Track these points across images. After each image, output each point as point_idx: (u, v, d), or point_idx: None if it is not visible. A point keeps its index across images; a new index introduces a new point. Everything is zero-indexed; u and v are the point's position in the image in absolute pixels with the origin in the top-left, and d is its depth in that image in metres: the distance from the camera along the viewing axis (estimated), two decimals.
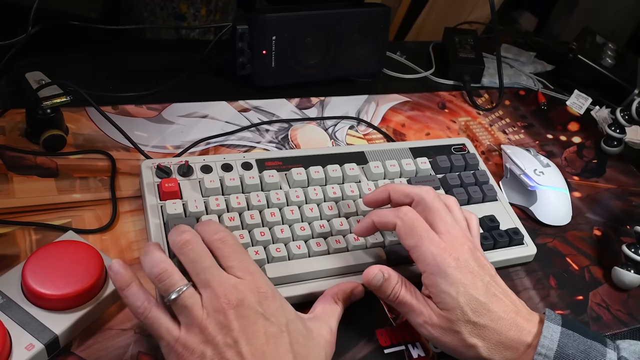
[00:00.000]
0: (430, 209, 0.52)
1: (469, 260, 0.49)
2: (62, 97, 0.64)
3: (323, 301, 0.51)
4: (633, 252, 0.64)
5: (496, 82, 0.93)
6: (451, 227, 0.51)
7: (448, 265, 0.48)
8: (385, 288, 0.50)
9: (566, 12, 1.52)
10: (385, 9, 0.85)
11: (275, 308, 0.44)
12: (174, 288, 0.43)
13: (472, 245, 0.51)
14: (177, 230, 0.47)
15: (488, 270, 0.51)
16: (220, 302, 0.42)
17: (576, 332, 0.48)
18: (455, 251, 0.49)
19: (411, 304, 0.50)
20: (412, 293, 0.50)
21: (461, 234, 0.51)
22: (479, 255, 0.51)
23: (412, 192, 0.53)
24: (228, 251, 0.46)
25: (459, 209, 0.54)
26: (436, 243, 0.49)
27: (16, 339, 0.46)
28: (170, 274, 0.44)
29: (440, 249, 0.49)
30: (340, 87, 0.87)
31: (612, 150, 0.86)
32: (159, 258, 0.45)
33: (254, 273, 0.46)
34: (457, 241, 0.50)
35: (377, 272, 0.50)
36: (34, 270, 0.48)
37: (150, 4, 1.01)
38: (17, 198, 0.59)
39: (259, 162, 0.64)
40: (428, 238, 0.50)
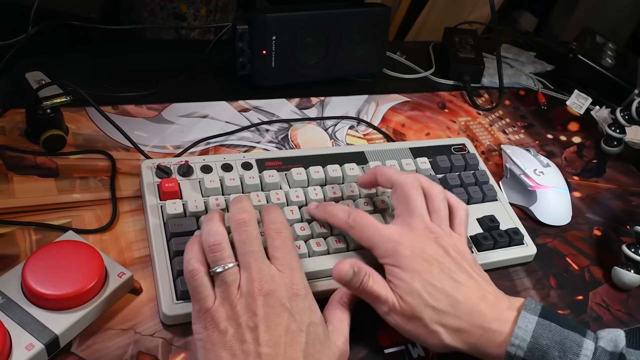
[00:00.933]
0: (405, 197, 0.53)
1: (425, 249, 0.50)
2: (62, 97, 0.64)
3: (332, 309, 0.51)
4: (633, 252, 0.64)
5: (496, 82, 0.93)
6: (415, 219, 0.52)
7: (401, 255, 0.49)
8: (354, 282, 0.50)
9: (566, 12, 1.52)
10: (385, 9, 0.85)
11: (302, 307, 0.46)
12: (222, 262, 0.46)
13: (434, 236, 0.51)
14: (239, 205, 0.50)
15: (451, 258, 0.50)
16: (253, 287, 0.45)
17: (553, 322, 0.48)
18: (410, 242, 0.50)
19: (378, 294, 0.50)
20: (378, 283, 0.50)
21: (424, 226, 0.52)
22: (443, 244, 0.51)
23: (393, 178, 0.55)
24: (278, 242, 0.48)
25: (441, 199, 0.54)
26: (387, 237, 0.51)
27: (16, 339, 0.46)
28: (223, 248, 0.46)
29: (392, 242, 0.50)
30: (340, 87, 0.87)
31: (612, 150, 0.86)
32: (217, 230, 0.47)
33: (294, 269, 0.47)
34: (414, 234, 0.51)
35: (347, 269, 0.50)
36: (34, 270, 0.48)
37: (150, 4, 1.01)
38: (17, 198, 0.59)
39: (259, 162, 0.64)
40: (378, 235, 0.51)
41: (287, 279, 0.46)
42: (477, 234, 0.63)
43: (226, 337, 0.43)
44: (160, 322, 0.52)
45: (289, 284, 0.46)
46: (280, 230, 0.49)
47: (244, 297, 0.45)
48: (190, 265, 0.47)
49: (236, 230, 0.48)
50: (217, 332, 0.44)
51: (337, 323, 0.50)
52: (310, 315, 0.46)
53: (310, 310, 0.47)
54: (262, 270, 0.46)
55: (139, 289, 0.54)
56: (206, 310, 0.45)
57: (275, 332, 0.44)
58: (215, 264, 0.46)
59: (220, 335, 0.44)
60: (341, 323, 0.50)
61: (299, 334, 0.44)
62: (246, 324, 0.44)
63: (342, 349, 0.48)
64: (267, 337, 0.43)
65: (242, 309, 0.44)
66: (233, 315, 0.44)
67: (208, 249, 0.47)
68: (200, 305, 0.45)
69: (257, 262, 0.46)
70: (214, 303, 0.45)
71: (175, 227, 0.55)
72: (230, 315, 0.44)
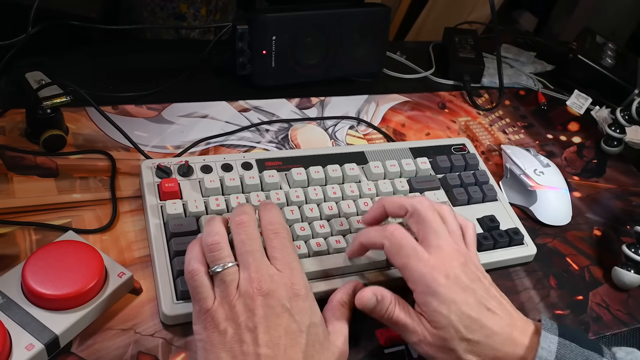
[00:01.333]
0: (424, 220, 0.51)
1: (459, 276, 0.48)
2: (62, 97, 0.64)
3: (331, 309, 0.51)
4: (633, 252, 0.64)
5: (496, 82, 0.93)
6: (443, 241, 0.50)
7: (438, 284, 0.47)
8: (379, 310, 0.49)
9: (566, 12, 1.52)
10: (385, 9, 0.85)
11: (302, 307, 0.46)
12: (220, 262, 0.46)
13: (464, 259, 0.50)
14: (240, 208, 0.50)
15: (481, 283, 0.49)
16: (252, 287, 0.44)
17: (573, 342, 0.47)
18: (445, 268, 0.48)
19: (405, 324, 0.49)
20: (406, 312, 0.49)
21: (453, 247, 0.50)
22: (472, 268, 0.50)
23: (406, 203, 0.53)
24: (277, 242, 0.48)
25: (453, 218, 0.53)
26: (424, 261, 0.49)
27: (16, 339, 0.46)
28: (222, 247, 0.47)
29: (429, 267, 0.48)
30: (340, 87, 0.87)
31: (612, 150, 0.86)
32: (216, 230, 0.48)
33: (294, 269, 0.47)
34: (447, 257, 0.49)
35: (370, 296, 0.49)
36: (34, 270, 0.48)
37: (150, 4, 1.01)
38: (17, 198, 0.59)
39: (259, 162, 0.64)
40: (416, 257, 0.49)
41: (287, 278, 0.46)
42: (477, 234, 0.63)
43: (226, 338, 0.43)
44: (160, 322, 0.52)
45: (289, 284, 0.46)
46: (278, 231, 0.49)
47: (243, 297, 0.44)
48: (190, 265, 0.47)
49: (236, 231, 0.48)
50: (217, 332, 0.44)
51: (337, 323, 0.50)
52: (311, 316, 0.46)
53: (311, 311, 0.46)
54: (261, 270, 0.45)
55: (139, 289, 0.54)
56: (206, 310, 0.45)
57: (275, 332, 0.43)
58: (214, 264, 0.46)
59: (220, 335, 0.44)
60: (341, 323, 0.50)
61: (299, 335, 0.44)
62: (245, 325, 0.43)
63: (341, 349, 0.48)
64: (266, 338, 0.43)
65: (241, 309, 0.44)
66: (232, 315, 0.44)
67: (207, 248, 0.47)
68: (200, 305, 0.45)
69: (256, 262, 0.46)
70: (214, 303, 0.45)
71: (175, 227, 0.55)
72: (229, 316, 0.44)
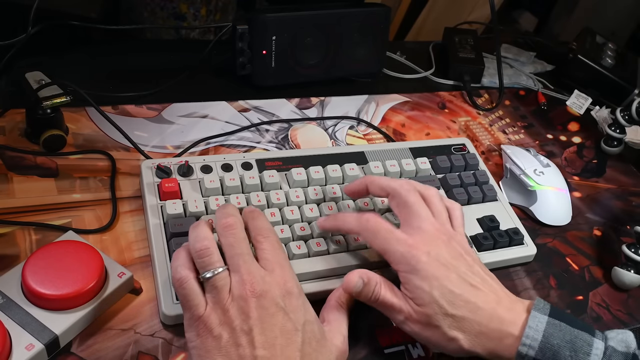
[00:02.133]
0: (405, 202, 0.52)
1: (440, 253, 0.49)
2: (62, 97, 0.64)
3: (330, 309, 0.51)
4: (633, 252, 0.64)
5: (496, 82, 0.93)
6: (423, 222, 0.51)
7: (418, 261, 0.48)
8: (366, 292, 0.50)
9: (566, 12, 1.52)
10: (385, 9, 0.85)
11: (296, 305, 0.45)
12: (211, 267, 0.45)
13: (446, 238, 0.51)
14: (224, 210, 0.49)
15: (464, 259, 0.50)
16: (245, 289, 0.44)
17: (563, 322, 0.48)
18: (425, 246, 0.49)
19: (391, 303, 0.49)
20: (391, 292, 0.50)
21: (435, 227, 0.51)
22: (455, 246, 0.51)
23: (387, 186, 0.54)
24: (266, 245, 0.48)
25: (438, 200, 0.54)
26: (403, 241, 0.50)
27: (16, 339, 0.46)
28: (211, 252, 0.46)
29: (408, 246, 0.49)
30: (340, 87, 0.87)
31: (612, 150, 0.86)
32: (204, 235, 0.47)
33: (284, 267, 0.47)
34: (427, 235, 0.50)
35: (357, 280, 0.50)
36: (34, 270, 0.48)
37: (150, 4, 1.01)
38: (17, 198, 0.59)
39: (259, 162, 0.64)
40: (394, 238, 0.50)
41: (278, 277, 0.46)
42: (477, 234, 0.63)
43: (221, 343, 0.43)
44: (160, 322, 0.52)
45: (282, 283, 0.46)
46: (267, 235, 0.49)
47: (236, 300, 0.44)
48: (177, 273, 0.46)
49: (223, 235, 0.47)
50: (211, 338, 0.43)
51: (335, 323, 0.50)
52: (305, 314, 0.46)
53: (305, 308, 0.46)
54: (253, 272, 0.45)
55: (139, 289, 0.54)
56: (198, 317, 0.44)
57: (271, 333, 0.43)
58: (204, 270, 0.45)
59: (214, 341, 0.43)
60: (339, 323, 0.50)
61: (295, 334, 0.44)
62: (240, 328, 0.43)
63: (340, 348, 0.48)
64: (262, 340, 0.43)
65: (235, 313, 0.43)
66: (226, 319, 0.43)
67: (196, 254, 0.46)
68: (191, 313, 0.44)
69: (247, 264, 0.45)
70: (206, 310, 0.44)
71: (175, 227, 0.55)
72: (223, 320, 0.43)
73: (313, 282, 0.55)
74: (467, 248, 0.52)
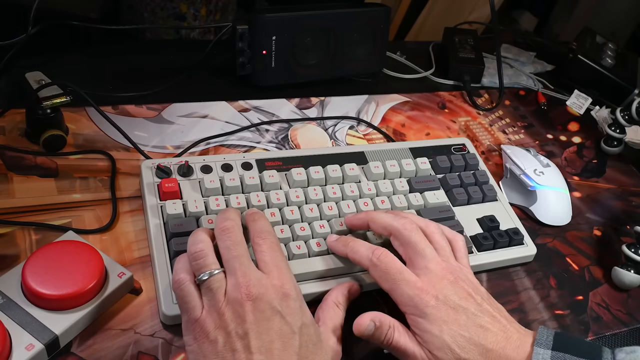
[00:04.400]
0: (408, 243, 0.51)
1: (448, 296, 0.48)
2: (62, 97, 0.64)
3: (325, 308, 0.51)
4: (633, 252, 0.64)
5: (496, 82, 0.93)
6: (430, 262, 0.50)
7: (427, 305, 0.48)
8: (378, 335, 0.49)
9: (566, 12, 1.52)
10: (385, 9, 0.85)
11: (293, 308, 0.45)
12: (206, 270, 0.45)
13: (453, 277, 0.50)
14: (223, 214, 0.49)
15: (473, 299, 0.49)
16: (240, 292, 0.44)
17: (568, 354, 0.46)
18: (433, 288, 0.49)
19: (405, 348, 0.49)
20: (405, 336, 0.49)
21: (441, 266, 0.50)
22: (463, 285, 0.50)
23: (389, 226, 0.53)
24: (265, 247, 0.48)
25: (440, 235, 0.53)
26: (412, 284, 0.49)
27: (16, 339, 0.46)
28: (205, 255, 0.46)
29: (417, 289, 0.48)
30: (340, 87, 0.87)
31: (612, 150, 0.86)
32: (200, 239, 0.47)
33: (282, 269, 0.47)
34: (435, 277, 0.49)
35: (368, 323, 0.49)
36: (34, 270, 0.48)
37: (150, 4, 1.01)
38: (17, 198, 0.59)
39: (259, 162, 0.64)
40: (403, 280, 0.49)
41: (276, 280, 0.45)
42: (477, 234, 0.63)
43: (217, 348, 0.43)
44: (160, 322, 0.52)
45: (279, 285, 0.45)
46: (266, 237, 0.49)
47: (231, 303, 0.44)
48: (176, 275, 0.46)
49: (220, 238, 0.47)
50: (208, 342, 0.43)
51: (330, 323, 0.49)
52: (302, 317, 0.45)
53: (302, 311, 0.46)
54: (248, 275, 0.45)
55: (139, 289, 0.54)
56: (195, 320, 0.44)
57: (267, 337, 0.43)
58: (199, 272, 0.45)
59: (211, 345, 0.43)
60: (334, 323, 0.50)
61: (292, 337, 0.44)
62: (235, 332, 0.43)
63: (334, 348, 0.48)
64: (258, 344, 0.42)
65: (230, 317, 0.43)
66: (221, 323, 0.43)
67: (191, 257, 0.46)
68: (188, 315, 0.45)
69: (243, 267, 0.45)
70: (202, 312, 0.44)
71: (175, 227, 0.55)
72: (218, 324, 0.43)
73: (313, 282, 0.55)
74: (475, 283, 0.51)
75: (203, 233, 0.48)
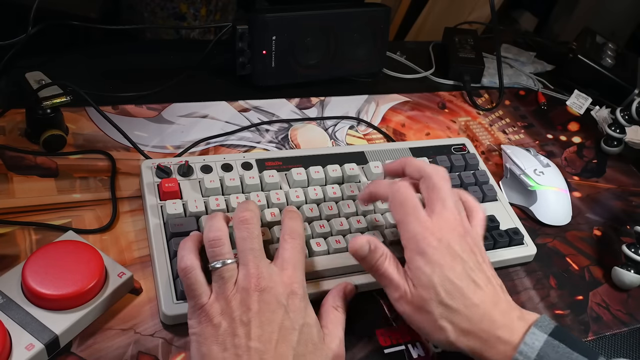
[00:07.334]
0: (434, 186, 0.52)
1: (452, 244, 0.49)
2: (62, 97, 0.64)
3: (326, 312, 0.51)
4: (633, 252, 0.64)
5: (496, 82, 0.93)
6: (447, 210, 0.50)
7: (428, 244, 0.48)
8: (369, 259, 0.50)
9: (566, 12, 1.52)
10: (385, 9, 0.85)
11: (299, 306, 0.46)
12: (221, 258, 0.46)
13: (463, 231, 0.50)
14: (244, 205, 0.50)
15: (474, 256, 0.49)
16: (250, 282, 0.45)
17: (563, 343, 0.46)
18: (440, 232, 0.49)
19: (391, 277, 0.49)
20: (394, 267, 0.50)
21: (454, 217, 0.50)
22: (469, 241, 0.50)
23: (423, 169, 0.53)
24: (289, 245, 0.49)
25: (457, 199, 0.53)
26: (421, 221, 0.49)
27: (16, 339, 0.46)
28: (223, 243, 0.47)
29: (424, 228, 0.49)
30: (340, 87, 0.87)
31: (612, 150, 0.86)
32: (218, 226, 0.48)
33: (297, 269, 0.47)
34: (446, 224, 0.50)
35: (364, 243, 0.50)
36: (34, 270, 0.48)
37: (150, 4, 1.01)
38: (17, 198, 0.59)
39: (259, 162, 0.64)
40: (414, 215, 0.50)
41: (286, 277, 0.46)
42: None
43: (219, 331, 0.44)
44: (160, 322, 0.52)
45: (288, 282, 0.46)
46: (295, 238, 0.50)
47: (240, 292, 0.45)
48: (183, 262, 0.46)
49: (238, 228, 0.48)
50: (211, 326, 0.44)
51: (331, 326, 0.49)
52: (305, 317, 0.46)
53: (306, 312, 0.46)
54: (260, 267, 0.46)
55: (139, 289, 0.54)
56: (201, 306, 0.45)
57: (268, 327, 0.44)
58: (214, 259, 0.46)
59: (213, 329, 0.44)
60: (335, 326, 0.50)
61: (292, 332, 0.44)
62: (239, 319, 0.44)
63: (336, 352, 0.48)
64: (259, 332, 0.43)
65: (237, 304, 0.44)
66: (227, 310, 0.44)
67: (208, 243, 0.47)
68: (195, 301, 0.45)
69: (256, 260, 0.46)
70: (209, 299, 0.45)
71: (175, 227, 0.55)
72: (224, 310, 0.44)
73: (313, 282, 0.55)
74: (481, 247, 0.51)
75: (221, 219, 0.48)
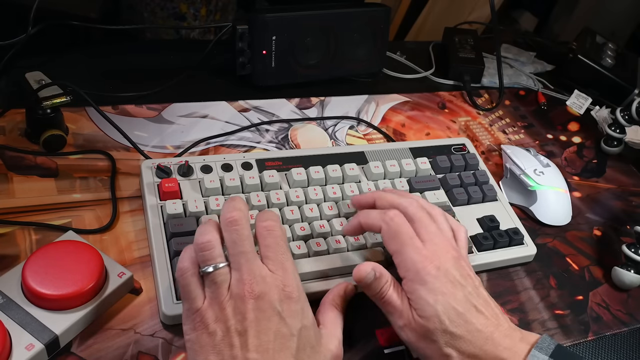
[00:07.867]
0: (412, 219, 0.51)
1: (450, 270, 0.49)
2: (62, 97, 0.64)
3: (324, 311, 0.51)
4: (633, 252, 0.64)
5: (496, 82, 0.93)
6: (434, 236, 0.50)
7: (428, 273, 0.48)
8: (375, 286, 0.50)
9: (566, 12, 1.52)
10: (385, 9, 0.85)
11: (294, 310, 0.45)
12: (211, 262, 0.45)
13: (456, 254, 0.50)
14: (231, 204, 0.48)
15: (471, 281, 0.50)
16: (243, 289, 0.44)
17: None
18: (437, 259, 0.49)
19: (395, 305, 0.49)
20: (398, 294, 0.50)
21: (445, 242, 0.50)
22: (464, 265, 0.50)
23: (395, 203, 0.53)
24: (270, 241, 0.47)
25: (444, 220, 0.53)
26: (418, 250, 0.49)
27: (16, 339, 0.46)
28: (213, 247, 0.46)
29: (422, 256, 0.49)
30: (340, 87, 0.87)
31: (612, 150, 0.86)
32: (208, 230, 0.47)
33: (287, 270, 0.46)
34: (440, 249, 0.50)
35: (369, 271, 0.50)
36: (34, 270, 0.48)
37: (150, 4, 1.01)
38: (17, 198, 0.59)
39: (259, 162, 0.64)
40: (411, 244, 0.49)
41: (279, 280, 0.45)
42: (477, 234, 0.63)
43: (215, 340, 0.43)
44: (160, 322, 0.52)
45: (281, 286, 0.45)
46: (271, 228, 0.48)
47: (234, 299, 0.44)
48: (180, 264, 0.46)
49: (227, 230, 0.47)
50: (206, 334, 0.43)
51: (330, 326, 0.49)
52: (302, 319, 0.45)
53: (303, 314, 0.46)
54: (254, 272, 0.45)
55: (139, 289, 0.54)
56: (195, 310, 0.44)
57: (265, 337, 0.43)
58: (205, 264, 0.45)
59: (209, 337, 0.43)
60: (334, 326, 0.50)
61: (290, 339, 0.44)
62: (235, 328, 0.43)
63: (334, 352, 0.48)
64: (256, 343, 0.42)
65: (231, 312, 0.43)
66: (222, 317, 0.43)
67: (197, 248, 0.46)
68: (189, 304, 0.45)
69: (249, 263, 0.45)
70: (203, 303, 0.44)
71: (175, 227, 0.55)
72: (219, 317, 0.43)
73: (313, 282, 0.55)
74: (471, 268, 0.51)
75: (212, 226, 0.48)
